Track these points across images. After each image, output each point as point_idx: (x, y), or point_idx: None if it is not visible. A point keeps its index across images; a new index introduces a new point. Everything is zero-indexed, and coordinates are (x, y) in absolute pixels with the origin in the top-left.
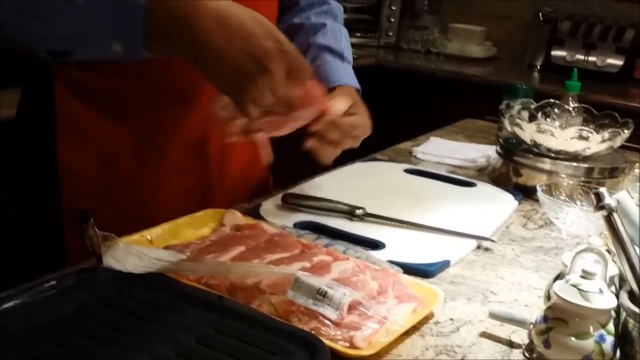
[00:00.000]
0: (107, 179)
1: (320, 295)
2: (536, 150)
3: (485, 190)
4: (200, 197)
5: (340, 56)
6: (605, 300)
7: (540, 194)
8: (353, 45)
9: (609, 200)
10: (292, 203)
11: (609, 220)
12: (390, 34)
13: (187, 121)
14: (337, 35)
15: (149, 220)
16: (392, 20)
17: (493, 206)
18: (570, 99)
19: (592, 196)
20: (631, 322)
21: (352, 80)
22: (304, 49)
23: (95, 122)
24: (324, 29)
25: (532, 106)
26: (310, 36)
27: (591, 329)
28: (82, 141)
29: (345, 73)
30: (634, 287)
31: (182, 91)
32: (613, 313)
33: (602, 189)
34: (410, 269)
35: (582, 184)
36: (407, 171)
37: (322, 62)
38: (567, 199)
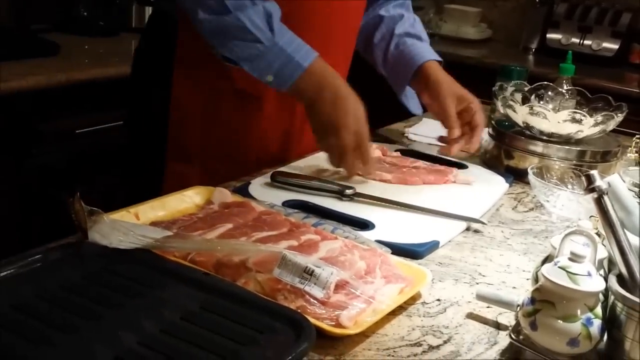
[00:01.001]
0: (210, 117)
1: (307, 273)
2: (528, 133)
3: (477, 172)
4: (284, 145)
5: (418, 37)
6: (594, 283)
7: (531, 177)
8: None
9: (599, 182)
10: (282, 182)
11: (599, 202)
12: None
13: None
14: (412, 22)
15: (240, 159)
16: None
17: (484, 188)
18: (564, 81)
19: (583, 178)
20: (619, 305)
21: (433, 55)
22: (388, 38)
23: (210, 65)
24: (401, 19)
25: (526, 88)
26: (390, 26)
27: (579, 311)
28: (195, 81)
29: (426, 51)
30: (623, 270)
31: None
32: (601, 296)
33: (593, 172)
34: (399, 250)
35: (573, 167)
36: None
37: (405, 45)
38: (558, 182)
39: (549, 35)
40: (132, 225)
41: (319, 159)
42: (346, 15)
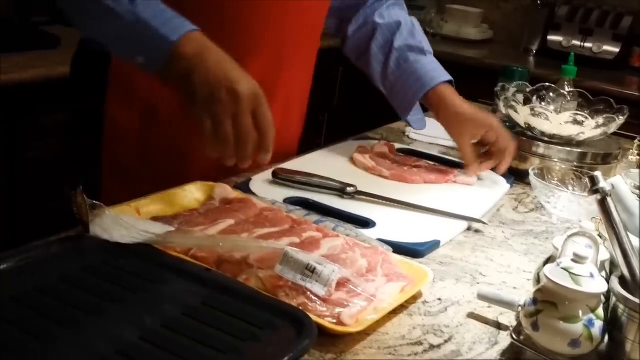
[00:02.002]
0: (147, 135)
1: (309, 271)
2: (530, 134)
3: None
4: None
5: (421, 51)
6: (596, 284)
7: (532, 178)
8: None
9: (603, 184)
10: (283, 178)
11: (602, 204)
12: None
13: None
14: (410, 28)
15: (182, 177)
16: None
17: (485, 188)
18: (565, 83)
19: (587, 180)
20: (621, 307)
21: (442, 74)
22: (386, 52)
23: (144, 81)
24: (399, 28)
25: (527, 89)
26: (387, 37)
27: (580, 313)
28: (130, 97)
29: (434, 69)
30: (625, 272)
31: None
32: (603, 298)
33: (597, 173)
34: (400, 248)
35: (574, 169)
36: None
37: (408, 63)
38: (559, 183)
39: (550, 37)
40: (133, 220)
41: (321, 157)
42: (300, 17)
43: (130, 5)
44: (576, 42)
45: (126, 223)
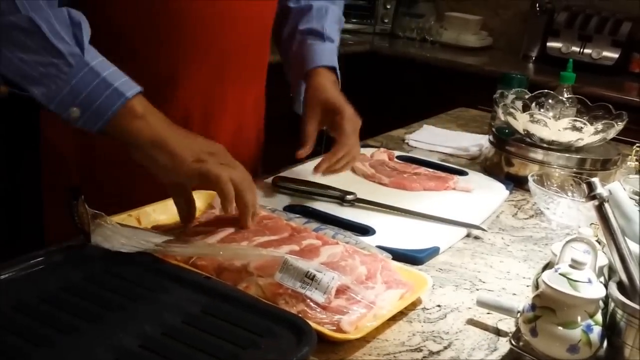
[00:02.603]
0: (87, 156)
1: (309, 278)
2: (529, 140)
3: (477, 179)
4: None
5: (320, 36)
6: (594, 290)
7: (531, 184)
8: (348, 32)
9: (600, 190)
10: (283, 186)
11: (600, 210)
12: (386, 20)
13: (170, 103)
14: (321, 14)
15: (131, 198)
16: (388, 7)
17: (484, 195)
18: (564, 90)
19: (584, 186)
20: (619, 312)
21: (328, 60)
22: (292, 37)
23: None
24: (309, 12)
25: (526, 96)
26: (296, 21)
27: (579, 318)
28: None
29: (324, 54)
30: (623, 277)
31: (166, 74)
32: (601, 303)
33: (595, 179)
34: (400, 255)
35: (573, 175)
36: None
37: (304, 46)
38: (558, 189)
39: (549, 44)
40: (134, 229)
41: None
42: (244, 19)
43: (77, 48)
44: (575, 49)
45: (127, 232)
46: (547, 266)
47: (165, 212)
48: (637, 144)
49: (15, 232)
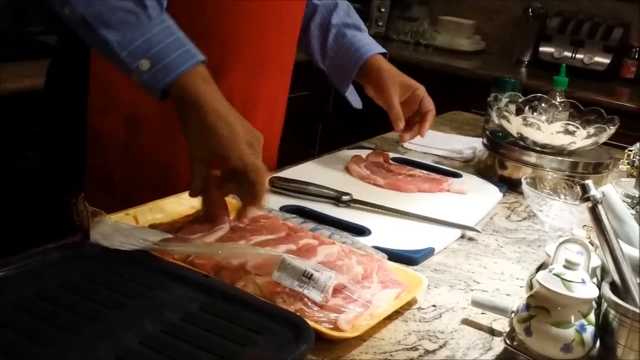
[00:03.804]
0: (131, 143)
1: (306, 277)
2: (522, 144)
3: (471, 181)
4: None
5: (357, 27)
6: (587, 290)
7: (524, 187)
8: None
9: (594, 192)
10: (279, 187)
11: (593, 212)
12: (380, 23)
13: None
14: (347, 9)
15: (168, 187)
16: (383, 10)
17: (478, 197)
18: (557, 94)
19: (578, 188)
20: (612, 312)
21: (377, 47)
22: (324, 29)
23: (126, 87)
24: (336, 8)
25: (520, 100)
26: (325, 16)
27: (572, 318)
28: (112, 104)
29: (369, 43)
30: (616, 278)
31: (211, 65)
32: (594, 304)
33: (588, 181)
34: (395, 256)
35: (566, 178)
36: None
37: (346, 38)
38: (551, 192)
39: (541, 49)
40: (133, 228)
41: (316, 166)
42: (281, 18)
43: (157, 3)
44: (567, 54)
45: (125, 230)
46: (541, 267)
47: (162, 211)
48: (629, 148)
49: (53, 217)
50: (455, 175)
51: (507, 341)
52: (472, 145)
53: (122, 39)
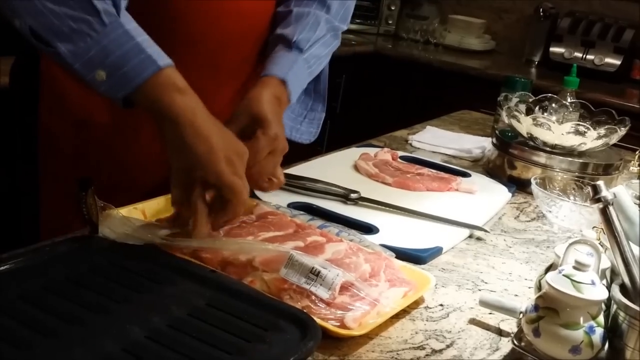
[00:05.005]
0: (83, 147)
1: (313, 274)
2: (532, 144)
3: (479, 181)
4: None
5: (288, 44)
6: (597, 291)
7: (534, 187)
8: (352, 32)
9: (605, 193)
10: (287, 183)
11: (604, 213)
12: (390, 22)
13: None
14: (299, 20)
15: (126, 187)
16: (393, 8)
17: (486, 197)
18: (568, 94)
19: (589, 188)
20: (621, 314)
21: (281, 71)
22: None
23: (77, 91)
24: (289, 16)
25: (530, 100)
26: (275, 26)
27: (581, 319)
28: (61, 106)
29: (281, 63)
30: (626, 280)
31: None
32: (603, 306)
33: (600, 182)
34: (403, 254)
35: (576, 179)
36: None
37: (272, 53)
38: (560, 193)
39: (552, 49)
40: (140, 222)
41: (324, 163)
42: (240, 15)
43: (113, 8)
44: (578, 54)
45: (134, 225)
46: (550, 268)
47: (170, 206)
48: (639, 150)
49: (11, 225)
50: (464, 175)
51: (515, 342)
52: (481, 144)
53: (75, 49)
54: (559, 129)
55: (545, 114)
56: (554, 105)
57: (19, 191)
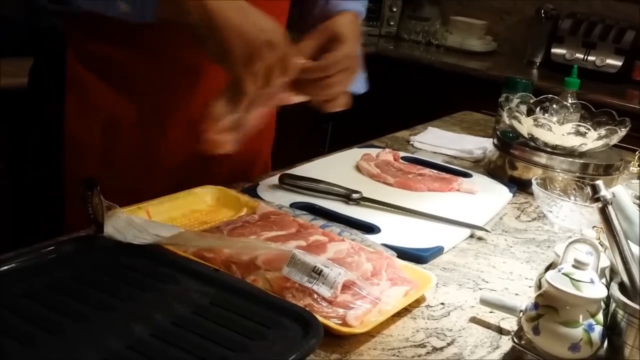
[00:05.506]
0: (109, 149)
1: (316, 273)
2: (533, 144)
3: (481, 181)
4: (201, 172)
5: None
6: (596, 290)
7: (535, 187)
8: None
9: (604, 192)
10: (289, 184)
11: (603, 212)
12: (392, 23)
13: (192, 98)
14: None
15: (148, 192)
16: (394, 9)
17: (487, 197)
18: (568, 95)
19: (588, 188)
20: (620, 312)
21: (350, 5)
22: (312, 5)
23: (104, 92)
24: None
25: (531, 100)
26: None
27: (581, 317)
28: (89, 109)
29: (346, 4)
30: (625, 279)
31: (190, 69)
32: (603, 304)
33: (599, 182)
34: (404, 254)
35: (576, 179)
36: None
37: (328, 5)
38: (561, 193)
39: (553, 50)
40: (145, 222)
41: (327, 163)
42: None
43: None
44: (579, 55)
45: (139, 224)
46: (550, 267)
47: (174, 205)
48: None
49: (35, 224)
50: (465, 175)
51: (515, 340)
52: (482, 145)
53: None
54: (559, 129)
55: (546, 114)
56: (554, 106)
57: (43, 193)
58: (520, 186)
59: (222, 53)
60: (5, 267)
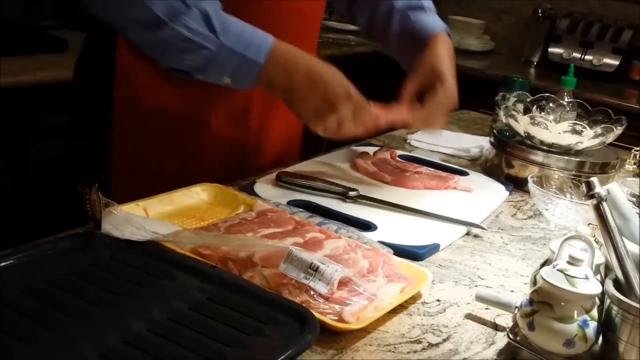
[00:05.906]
0: (155, 134)
1: (312, 269)
2: (529, 143)
3: (477, 179)
4: (239, 161)
5: (420, 8)
6: (591, 286)
7: (531, 185)
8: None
9: (599, 189)
10: (286, 182)
11: (598, 209)
12: None
13: (231, 94)
14: None
15: (189, 179)
16: None
17: (484, 195)
18: (565, 94)
19: (583, 185)
20: (615, 308)
21: (436, 23)
22: (388, 14)
23: (152, 80)
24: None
25: (528, 99)
26: (389, 3)
27: (575, 313)
28: (137, 96)
29: (431, 22)
30: (619, 275)
31: None
32: (597, 300)
33: (593, 179)
34: (401, 251)
35: (572, 177)
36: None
37: (409, 21)
38: (557, 191)
39: (550, 49)
40: (143, 219)
41: (324, 161)
42: (298, 14)
43: (214, 35)
44: (576, 55)
45: (136, 222)
46: (545, 263)
47: (171, 203)
48: (635, 149)
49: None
50: (462, 173)
51: (510, 336)
52: (479, 143)
53: (206, 76)
54: (556, 128)
55: (543, 113)
56: (551, 104)
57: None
58: (517, 184)
59: (299, 114)
60: (4, 263)
